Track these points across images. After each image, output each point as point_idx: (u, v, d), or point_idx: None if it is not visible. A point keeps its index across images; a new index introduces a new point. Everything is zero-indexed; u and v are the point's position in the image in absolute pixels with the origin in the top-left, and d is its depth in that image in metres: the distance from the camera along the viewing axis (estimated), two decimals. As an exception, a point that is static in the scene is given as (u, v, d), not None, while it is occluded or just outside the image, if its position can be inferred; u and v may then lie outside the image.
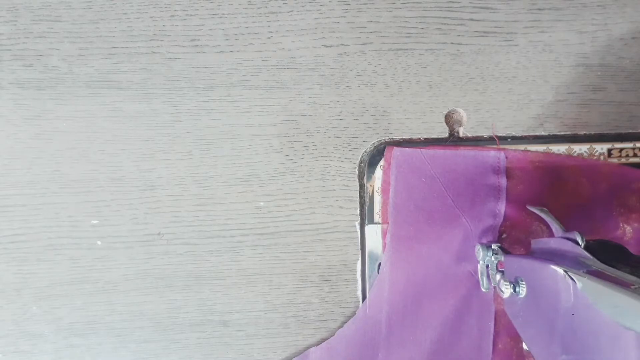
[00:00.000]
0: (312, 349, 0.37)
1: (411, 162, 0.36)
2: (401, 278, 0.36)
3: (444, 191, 0.36)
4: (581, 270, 0.25)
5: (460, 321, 0.37)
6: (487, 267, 0.34)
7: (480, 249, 0.34)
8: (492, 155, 0.36)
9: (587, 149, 0.37)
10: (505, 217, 0.36)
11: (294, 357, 0.38)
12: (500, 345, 0.37)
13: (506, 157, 0.36)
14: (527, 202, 0.36)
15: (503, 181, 0.36)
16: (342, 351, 0.37)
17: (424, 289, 0.36)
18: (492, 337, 0.37)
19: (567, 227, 0.31)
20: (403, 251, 0.36)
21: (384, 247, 0.37)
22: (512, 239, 0.37)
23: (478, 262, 0.34)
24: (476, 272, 0.36)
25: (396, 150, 0.36)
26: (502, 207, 0.36)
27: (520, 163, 0.36)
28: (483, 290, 0.35)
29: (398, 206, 0.36)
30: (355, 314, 0.37)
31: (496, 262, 0.33)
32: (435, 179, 0.36)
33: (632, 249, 0.35)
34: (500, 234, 0.36)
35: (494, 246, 0.33)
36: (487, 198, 0.36)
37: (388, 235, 0.36)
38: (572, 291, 0.25)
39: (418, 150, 0.36)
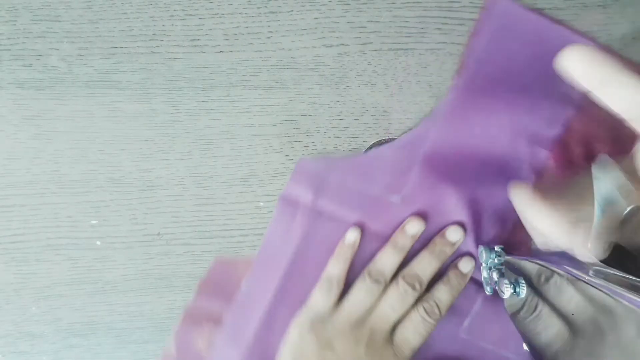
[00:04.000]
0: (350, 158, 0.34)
1: (515, 24, 0.31)
2: (452, 131, 0.33)
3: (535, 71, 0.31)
4: (582, 271, 0.25)
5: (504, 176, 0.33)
6: (490, 268, 0.34)
7: (484, 251, 0.33)
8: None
9: (588, 149, 0.37)
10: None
11: None
12: None
13: None
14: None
15: None
16: (373, 164, 0.34)
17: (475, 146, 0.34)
18: None
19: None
20: (468, 109, 0.33)
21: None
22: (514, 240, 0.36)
23: (481, 264, 0.34)
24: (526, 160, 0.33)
25: (509, 5, 0.30)
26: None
27: None
28: (487, 293, 0.35)
29: (482, 61, 0.32)
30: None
31: (498, 263, 0.33)
32: (532, 56, 0.31)
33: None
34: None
35: (497, 248, 0.33)
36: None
37: (456, 89, 0.32)
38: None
39: (533, 15, 0.30)
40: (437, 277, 0.35)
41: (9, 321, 0.37)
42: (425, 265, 0.34)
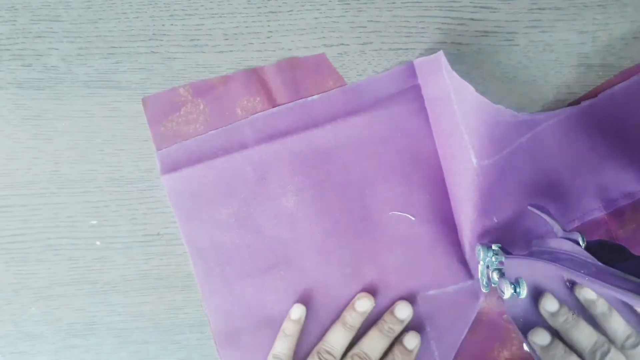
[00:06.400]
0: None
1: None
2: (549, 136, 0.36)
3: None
4: (581, 271, 0.25)
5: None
6: (488, 267, 0.34)
7: (481, 250, 0.33)
8: None
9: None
10: None
11: None
12: None
13: None
14: None
15: None
16: None
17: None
18: None
19: None
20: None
21: None
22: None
23: (479, 262, 0.34)
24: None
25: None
26: None
27: None
28: (483, 290, 0.35)
29: (614, 100, 0.35)
30: None
31: (496, 262, 0.33)
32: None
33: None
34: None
35: (494, 246, 0.33)
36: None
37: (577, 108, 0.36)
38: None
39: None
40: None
41: (8, 321, 0.37)
42: (374, 344, 0.34)
